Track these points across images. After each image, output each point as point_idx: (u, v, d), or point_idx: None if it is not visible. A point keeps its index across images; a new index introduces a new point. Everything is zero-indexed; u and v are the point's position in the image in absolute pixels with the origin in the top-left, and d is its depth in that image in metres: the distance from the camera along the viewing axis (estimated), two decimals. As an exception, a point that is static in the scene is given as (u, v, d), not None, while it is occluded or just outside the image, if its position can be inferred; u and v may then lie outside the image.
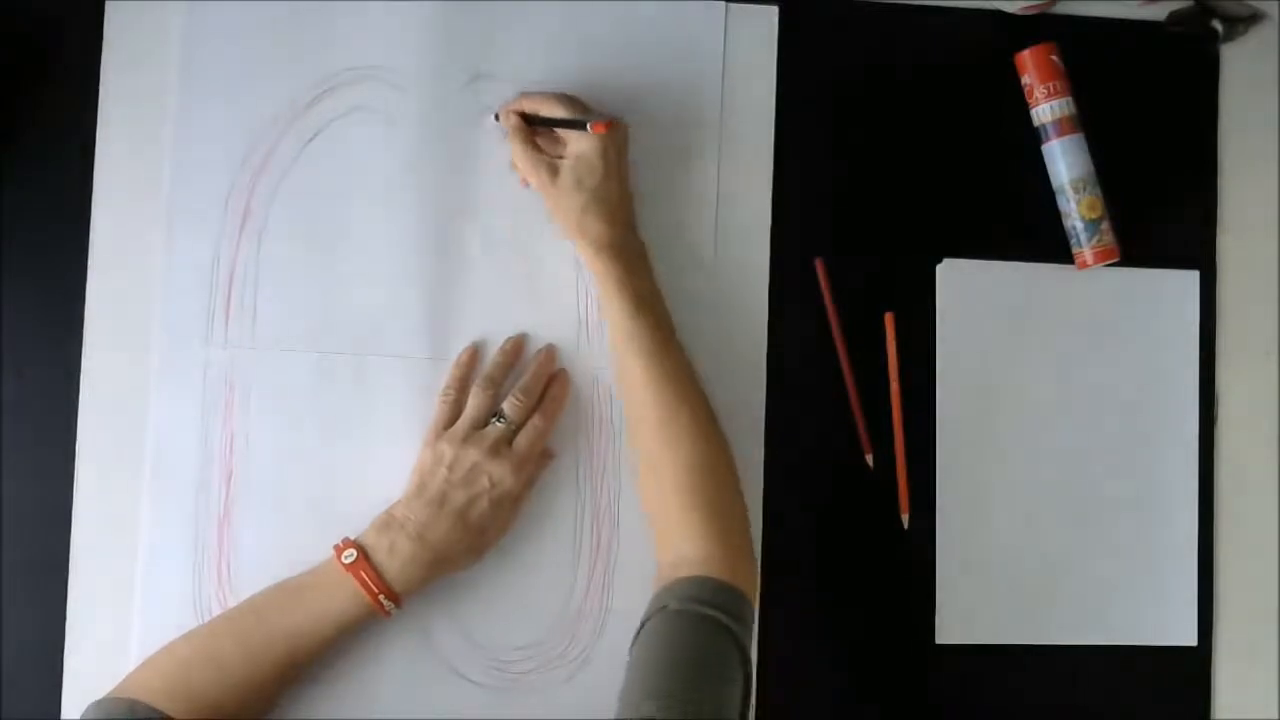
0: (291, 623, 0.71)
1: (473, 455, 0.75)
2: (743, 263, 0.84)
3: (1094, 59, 0.87)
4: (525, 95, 0.79)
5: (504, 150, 0.81)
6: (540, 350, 0.81)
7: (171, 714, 0.66)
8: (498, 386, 0.79)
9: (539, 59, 0.83)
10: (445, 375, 0.79)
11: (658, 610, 0.68)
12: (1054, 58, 0.85)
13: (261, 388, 0.78)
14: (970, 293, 0.86)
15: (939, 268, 0.86)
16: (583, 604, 0.81)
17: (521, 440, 0.77)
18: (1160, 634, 0.86)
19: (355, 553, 0.72)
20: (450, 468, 0.75)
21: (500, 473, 0.75)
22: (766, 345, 0.84)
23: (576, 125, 0.77)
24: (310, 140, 0.81)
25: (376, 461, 0.79)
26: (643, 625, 0.69)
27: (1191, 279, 0.88)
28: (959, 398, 0.85)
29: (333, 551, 0.73)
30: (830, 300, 0.84)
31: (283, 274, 0.80)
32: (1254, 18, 0.89)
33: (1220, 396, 0.88)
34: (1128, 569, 0.86)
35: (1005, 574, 0.85)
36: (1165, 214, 0.88)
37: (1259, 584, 0.87)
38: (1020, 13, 0.87)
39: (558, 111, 0.77)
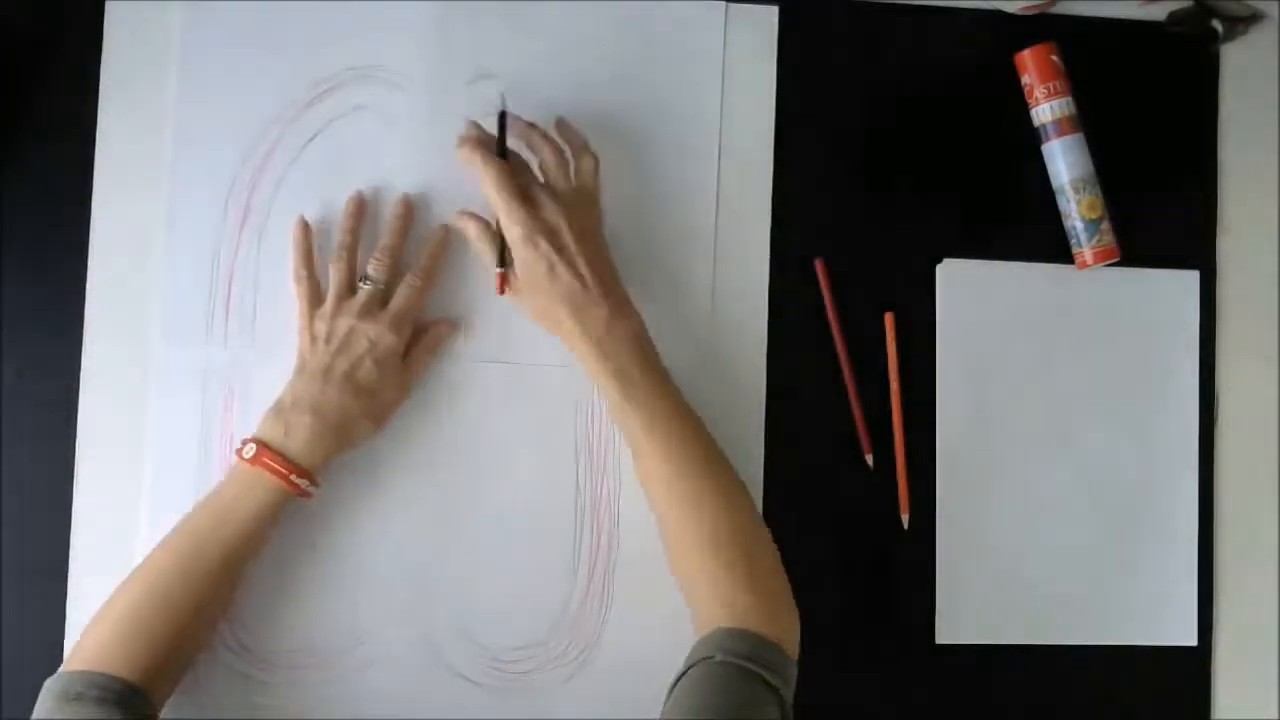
0: (219, 534, 0.71)
1: (346, 322, 0.75)
2: (743, 263, 0.84)
3: (1094, 59, 0.87)
4: (469, 155, 0.77)
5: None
6: (396, 203, 0.80)
7: (127, 675, 0.67)
8: (352, 253, 0.78)
9: (539, 59, 0.83)
10: (291, 260, 0.78)
11: (701, 659, 0.67)
12: (1054, 58, 0.85)
13: (261, 388, 0.78)
14: (970, 293, 0.86)
15: (939, 268, 0.86)
16: (583, 604, 0.81)
17: (397, 299, 0.76)
18: (1160, 634, 0.86)
19: (254, 446, 0.72)
20: (327, 340, 0.75)
21: (376, 331, 0.74)
22: (766, 345, 0.84)
23: (500, 259, 0.76)
24: (310, 140, 0.81)
25: (375, 460, 0.79)
26: (685, 672, 0.67)
27: (1191, 279, 0.88)
28: (959, 398, 0.85)
29: (235, 454, 0.73)
30: (830, 300, 0.84)
31: (283, 274, 0.80)
32: (1254, 18, 0.89)
33: (1220, 396, 0.88)
34: (1128, 569, 0.86)
35: (1005, 574, 0.85)
36: (1165, 214, 0.88)
37: (1259, 584, 0.87)
38: (1020, 13, 0.87)
39: (493, 194, 0.75)
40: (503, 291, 0.76)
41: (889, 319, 0.85)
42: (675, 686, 0.67)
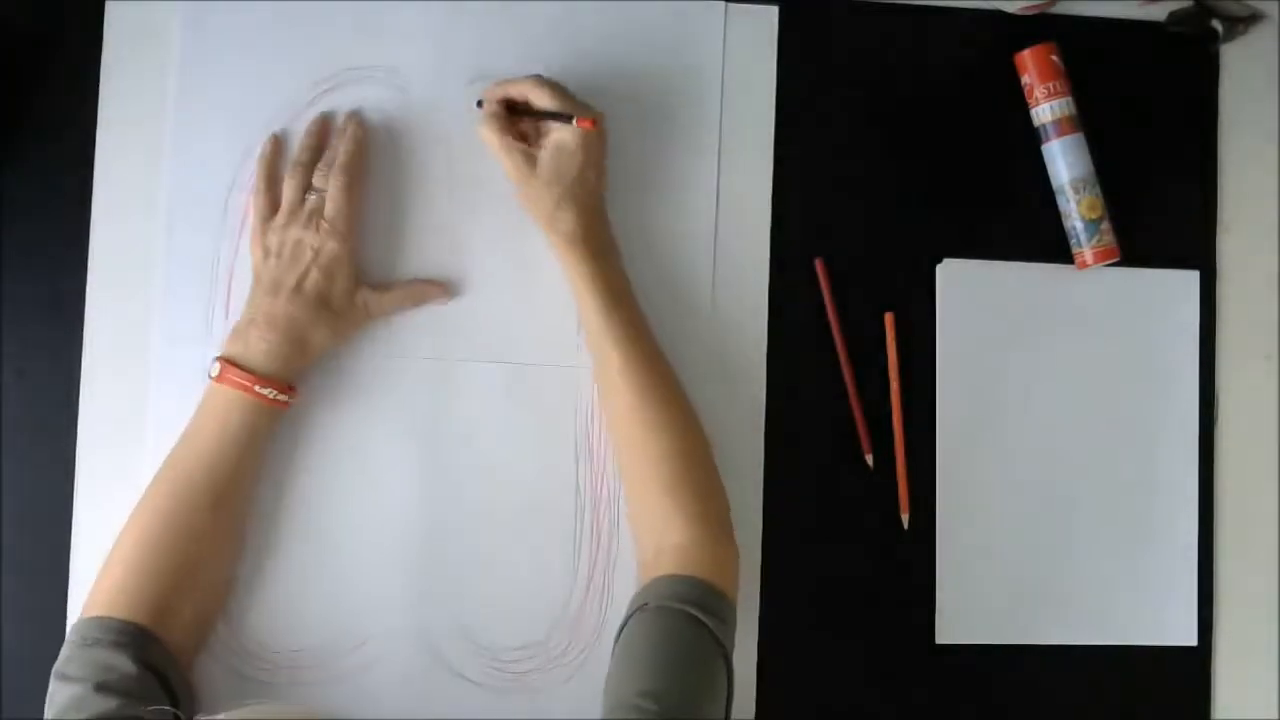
0: (202, 461, 0.73)
1: (294, 233, 0.76)
2: (743, 263, 0.84)
3: (1094, 59, 0.87)
4: (509, 81, 0.78)
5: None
6: (346, 119, 0.80)
7: (137, 619, 0.68)
8: (308, 169, 0.78)
9: (539, 59, 0.83)
10: (254, 173, 0.79)
11: (639, 608, 0.69)
12: (1054, 58, 0.85)
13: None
14: (970, 293, 0.86)
15: (939, 268, 0.86)
16: (583, 604, 0.81)
17: (327, 203, 0.77)
18: (1160, 634, 0.86)
19: (218, 365, 0.74)
20: (278, 254, 0.76)
21: (318, 240, 0.75)
22: (766, 345, 0.84)
23: (562, 118, 0.76)
24: (310, 140, 0.81)
25: (375, 459, 0.79)
26: (625, 622, 0.70)
27: (1191, 279, 0.88)
28: (959, 398, 0.85)
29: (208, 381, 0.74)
30: (830, 300, 0.84)
31: (283, 274, 0.80)
32: (1254, 18, 0.89)
33: (1220, 396, 0.88)
34: (1128, 569, 0.86)
35: (1005, 574, 0.85)
36: (1165, 214, 0.88)
37: (1259, 584, 0.87)
38: (1020, 13, 0.87)
39: (543, 100, 0.77)
40: (594, 126, 0.75)
41: (889, 319, 0.85)
42: (618, 636, 0.70)
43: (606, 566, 0.81)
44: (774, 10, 0.86)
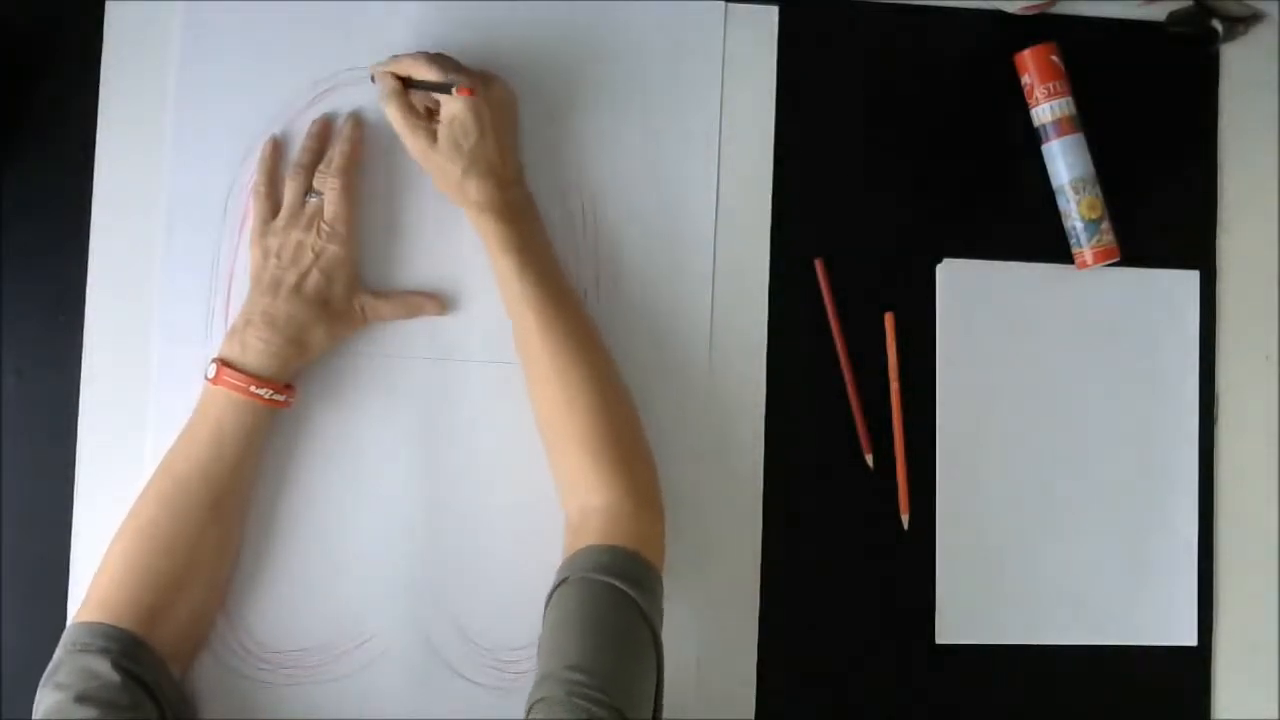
0: (198, 463, 0.72)
1: (295, 235, 0.76)
2: (743, 263, 0.84)
3: (1094, 59, 0.87)
4: (396, 58, 0.78)
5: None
6: (345, 121, 0.80)
7: (127, 624, 0.68)
8: (309, 171, 0.78)
9: (538, 59, 0.83)
10: (255, 175, 0.79)
11: (563, 580, 0.69)
12: (1054, 58, 0.85)
13: (261, 388, 0.78)
14: (970, 293, 0.86)
15: (939, 268, 0.86)
16: (583, 604, 0.80)
17: (326, 205, 0.77)
18: (1160, 634, 0.86)
19: (215, 366, 0.73)
20: (278, 255, 0.76)
21: (319, 242, 0.75)
22: (766, 345, 0.84)
23: (442, 89, 0.76)
24: (310, 140, 0.81)
25: (375, 459, 0.79)
26: (552, 592, 0.70)
27: (1191, 279, 0.88)
28: (959, 398, 0.85)
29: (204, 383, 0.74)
30: (830, 300, 0.84)
31: (283, 274, 0.80)
32: (1254, 18, 0.89)
33: (1220, 396, 0.88)
34: (1128, 569, 0.86)
35: (1005, 574, 0.85)
36: (1165, 214, 0.88)
37: (1259, 584, 0.87)
38: (1020, 13, 0.87)
39: (427, 73, 0.76)
40: (472, 94, 0.75)
41: (889, 319, 0.85)
42: (548, 603, 0.70)
43: (606, 566, 0.81)
44: (774, 10, 0.86)
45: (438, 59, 0.77)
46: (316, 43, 0.82)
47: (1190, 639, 0.86)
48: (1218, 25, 0.89)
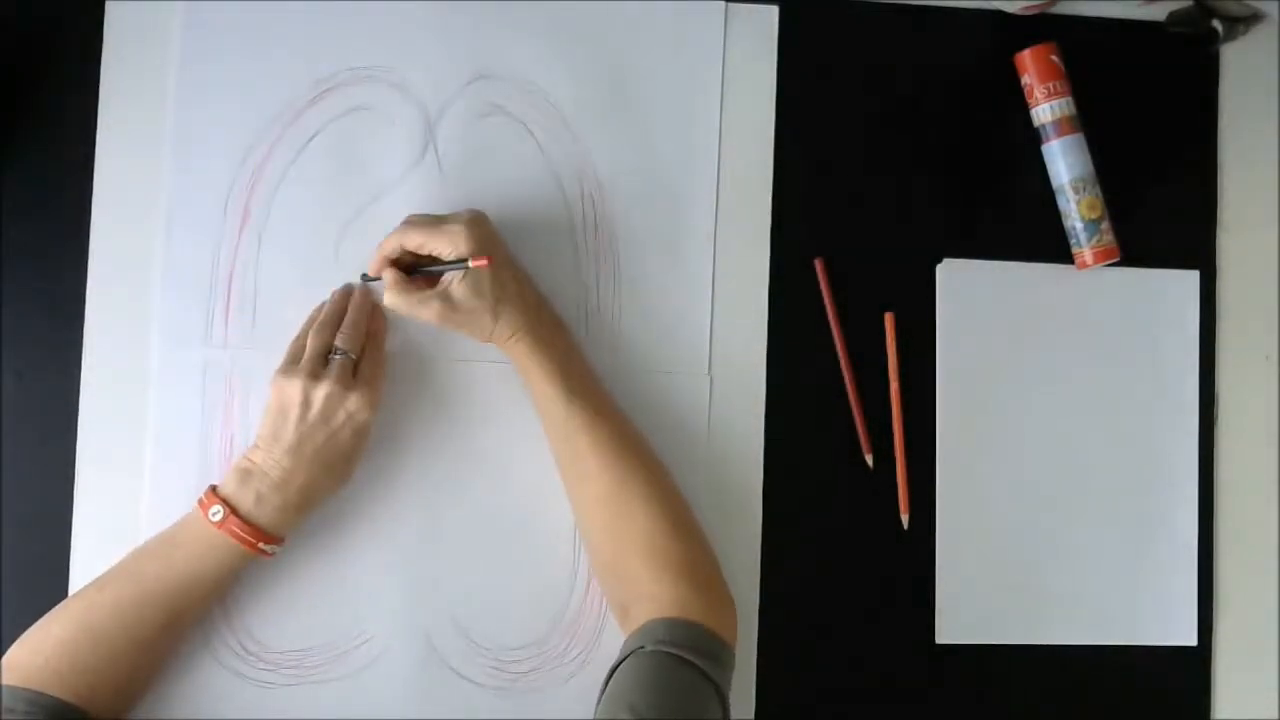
0: (168, 585, 0.71)
1: (325, 388, 0.74)
2: (743, 263, 0.84)
3: (1094, 59, 0.87)
4: (381, 245, 0.77)
5: (505, 146, 0.82)
6: (354, 291, 0.80)
7: (72, 699, 0.67)
8: (333, 330, 0.77)
9: (539, 59, 0.83)
10: (301, 328, 0.79)
11: (633, 650, 0.68)
12: (1054, 58, 0.85)
13: (261, 388, 0.78)
14: (970, 293, 0.86)
15: (939, 268, 0.86)
16: (583, 604, 0.81)
17: (366, 368, 0.76)
18: (1160, 634, 0.86)
19: (222, 510, 0.72)
20: (303, 406, 0.74)
21: (355, 404, 0.74)
22: (766, 345, 0.84)
23: (458, 266, 0.75)
24: (310, 140, 0.81)
25: (376, 460, 0.79)
26: (616, 665, 0.68)
27: (1191, 279, 0.88)
28: (959, 398, 0.85)
29: (197, 507, 0.73)
30: (830, 300, 0.84)
31: (283, 274, 0.80)
32: (1254, 18, 0.89)
33: (1220, 396, 0.88)
34: (1128, 569, 0.86)
35: (1005, 574, 0.85)
36: (1165, 214, 0.88)
37: (1259, 584, 0.87)
38: (1020, 13, 0.87)
39: (418, 239, 0.75)
40: (491, 261, 0.74)
41: (889, 319, 0.85)
42: (610, 678, 0.68)
43: (606, 566, 0.81)
44: (774, 10, 0.86)
45: (422, 225, 0.76)
46: (316, 43, 0.82)
47: (1190, 639, 0.86)
48: (1218, 25, 0.89)
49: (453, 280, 0.75)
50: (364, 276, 0.79)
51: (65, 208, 0.80)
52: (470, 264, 0.74)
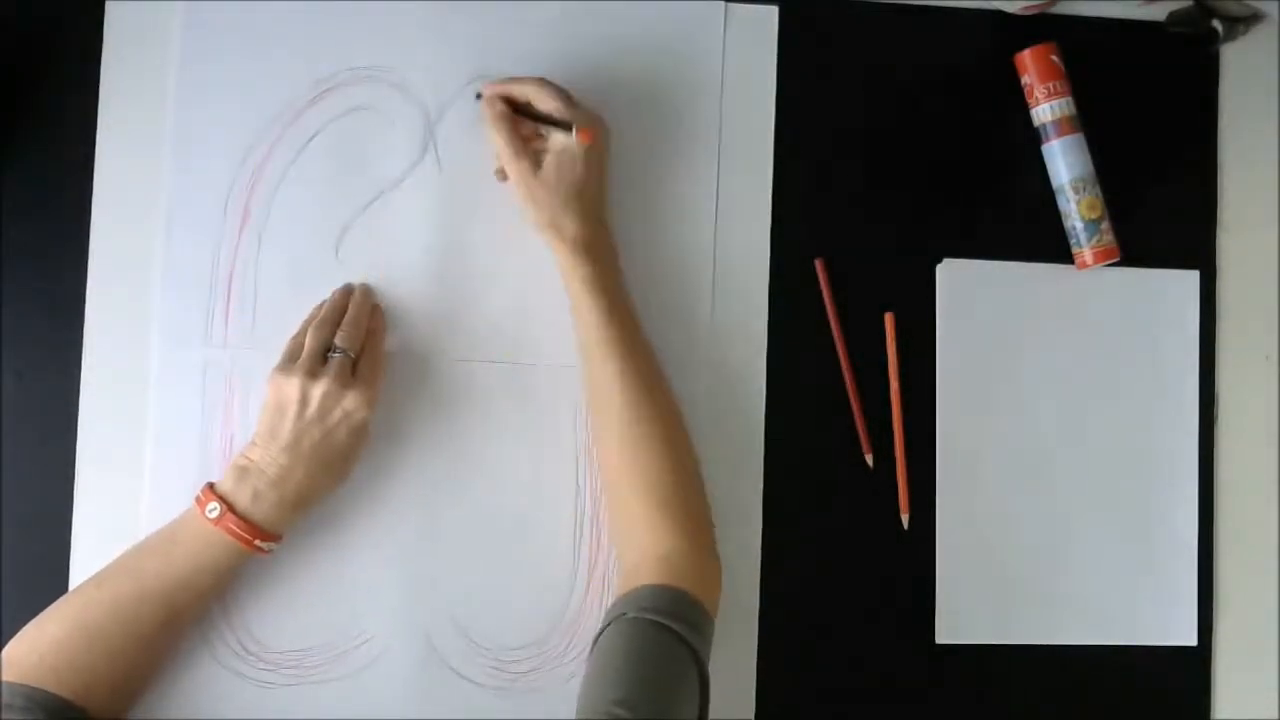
0: (166, 581, 0.71)
1: (322, 386, 0.74)
2: (743, 263, 0.84)
3: (1094, 59, 0.87)
4: (512, 80, 0.78)
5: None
6: (355, 290, 0.80)
7: (60, 692, 0.67)
8: (332, 328, 0.78)
9: (539, 59, 0.83)
10: (299, 328, 0.79)
11: (616, 617, 0.69)
12: (1054, 58, 0.85)
13: (261, 387, 0.78)
14: (970, 293, 0.86)
15: (939, 268, 0.86)
16: (583, 604, 0.81)
17: (365, 367, 0.77)
18: (1160, 634, 0.86)
19: (219, 506, 0.72)
20: (301, 403, 0.74)
21: (353, 402, 0.74)
22: (766, 345, 0.84)
23: (562, 126, 0.76)
24: (310, 140, 0.81)
25: (375, 459, 0.79)
26: (602, 630, 0.69)
27: (1191, 279, 0.88)
28: (959, 398, 0.85)
29: (194, 504, 0.73)
30: (830, 300, 0.84)
31: (283, 274, 0.80)
32: (1254, 18, 0.89)
33: (1220, 397, 0.88)
34: (1128, 569, 0.86)
35: (1005, 574, 0.85)
36: (1165, 214, 0.88)
37: (1259, 584, 0.87)
38: (1020, 13, 0.87)
39: (547, 103, 0.76)
40: (592, 140, 0.75)
41: (889, 319, 0.85)
42: (595, 643, 0.69)
43: (606, 567, 0.81)
44: (774, 10, 0.86)
45: (554, 89, 0.77)
46: (316, 43, 0.82)
47: (1190, 639, 0.86)
48: (1218, 25, 0.89)
49: (548, 153, 0.76)
50: (477, 95, 0.79)
51: (65, 208, 0.80)
52: (575, 133, 0.75)
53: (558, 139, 0.76)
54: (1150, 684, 0.86)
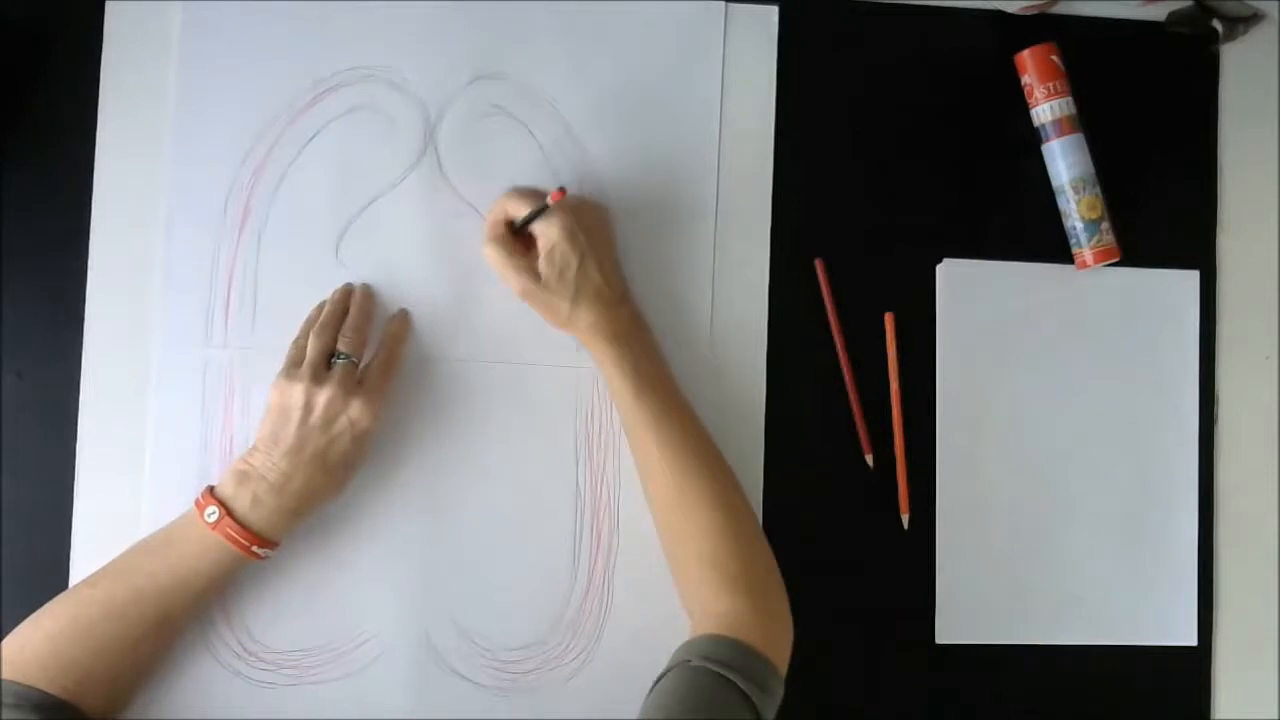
0: (161, 583, 0.71)
1: (327, 393, 0.74)
2: (743, 263, 0.84)
3: (1094, 59, 0.87)
4: (493, 208, 0.79)
5: (505, 147, 0.82)
6: (355, 291, 0.80)
7: (54, 691, 0.67)
8: (334, 332, 0.78)
9: (539, 59, 0.83)
10: (300, 329, 0.79)
11: (678, 664, 0.68)
12: (1054, 58, 0.85)
13: (261, 388, 0.78)
14: (970, 293, 0.86)
15: (939, 268, 0.86)
16: (583, 604, 0.81)
17: (372, 375, 0.77)
18: (1160, 634, 0.86)
19: (218, 510, 0.72)
20: (305, 409, 0.74)
21: (357, 411, 0.74)
22: (766, 345, 0.84)
23: (540, 209, 0.76)
24: (310, 140, 0.81)
25: (376, 459, 0.79)
26: (662, 676, 0.68)
27: (1191, 279, 0.88)
28: (959, 398, 0.85)
29: (193, 507, 0.73)
30: (830, 300, 0.84)
31: (283, 274, 0.80)
32: (1254, 18, 0.89)
33: (1220, 397, 0.88)
34: (1128, 569, 0.86)
35: (1005, 574, 0.85)
36: (1165, 214, 0.88)
37: (1259, 584, 0.87)
38: (1020, 13, 0.87)
39: (518, 209, 0.77)
40: (564, 194, 0.75)
41: (889, 319, 0.85)
42: (652, 689, 0.68)
43: (606, 566, 0.81)
44: (774, 10, 0.86)
45: (526, 192, 0.77)
46: (316, 43, 0.82)
47: (1190, 639, 0.86)
48: (1218, 25, 0.89)
49: (542, 256, 0.76)
50: (512, 224, 0.79)
51: (65, 208, 0.80)
52: (549, 199, 0.75)
53: (546, 239, 0.76)
54: (1150, 684, 0.86)
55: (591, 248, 0.77)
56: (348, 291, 0.80)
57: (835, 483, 0.84)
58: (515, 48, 0.83)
